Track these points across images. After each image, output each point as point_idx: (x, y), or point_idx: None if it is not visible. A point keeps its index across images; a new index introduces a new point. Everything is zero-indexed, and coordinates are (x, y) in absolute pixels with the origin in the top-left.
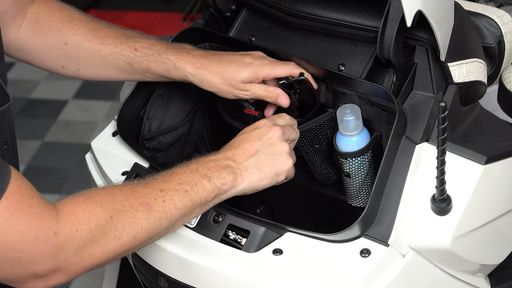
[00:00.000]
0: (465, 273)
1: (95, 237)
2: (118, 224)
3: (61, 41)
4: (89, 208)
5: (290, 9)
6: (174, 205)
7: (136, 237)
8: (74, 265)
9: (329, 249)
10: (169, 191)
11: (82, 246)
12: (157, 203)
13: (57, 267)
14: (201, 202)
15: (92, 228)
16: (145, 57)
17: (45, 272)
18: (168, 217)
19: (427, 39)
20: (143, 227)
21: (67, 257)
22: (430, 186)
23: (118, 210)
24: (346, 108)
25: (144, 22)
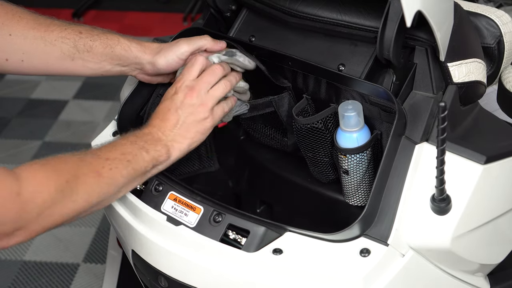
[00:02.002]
0: (464, 272)
1: (54, 199)
2: (73, 187)
3: (5, 33)
4: (47, 173)
5: (290, 9)
6: (120, 173)
7: (89, 200)
8: (35, 224)
9: (329, 248)
10: (114, 160)
11: (43, 207)
12: (105, 171)
13: (20, 226)
14: (141, 171)
15: (51, 191)
16: (89, 37)
17: (9, 231)
18: (115, 184)
19: (427, 39)
20: (94, 191)
21: (30, 217)
22: (429, 185)
23: (72, 175)
24: (348, 104)
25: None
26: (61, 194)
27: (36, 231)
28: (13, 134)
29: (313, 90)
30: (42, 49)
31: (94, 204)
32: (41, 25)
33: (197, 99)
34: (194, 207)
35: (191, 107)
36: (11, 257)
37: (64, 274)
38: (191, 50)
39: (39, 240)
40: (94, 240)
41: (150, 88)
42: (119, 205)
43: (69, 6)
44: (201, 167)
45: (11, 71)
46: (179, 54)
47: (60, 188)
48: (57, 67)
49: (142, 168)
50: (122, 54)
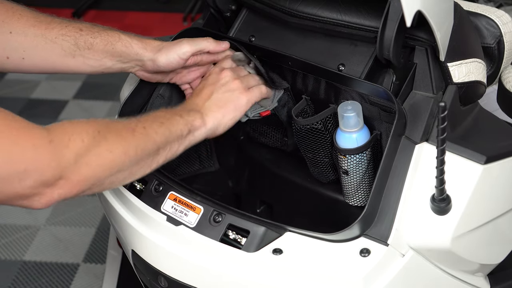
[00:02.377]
0: (464, 272)
1: (89, 146)
2: (107, 137)
3: (6, 31)
4: (76, 124)
5: (290, 9)
6: (154, 131)
7: (126, 153)
8: (75, 173)
9: (329, 248)
10: (147, 121)
11: (78, 153)
12: (138, 128)
13: (60, 173)
14: (177, 134)
15: (83, 137)
16: (90, 34)
17: (50, 179)
18: (152, 140)
19: (427, 39)
20: (131, 144)
21: (67, 163)
22: (429, 185)
23: (104, 127)
24: (348, 105)
25: (144, 22)
26: (94, 141)
27: (78, 181)
28: None
29: (312, 90)
30: (42, 47)
31: (133, 159)
32: (41, 23)
33: (231, 76)
34: (194, 207)
35: (225, 83)
36: (11, 257)
37: (64, 274)
38: (193, 50)
39: (39, 240)
40: (94, 240)
41: (150, 88)
42: (119, 205)
43: (69, 6)
44: (201, 167)
45: (12, 69)
46: (181, 53)
47: (92, 135)
48: (58, 64)
49: (178, 131)
50: (123, 50)
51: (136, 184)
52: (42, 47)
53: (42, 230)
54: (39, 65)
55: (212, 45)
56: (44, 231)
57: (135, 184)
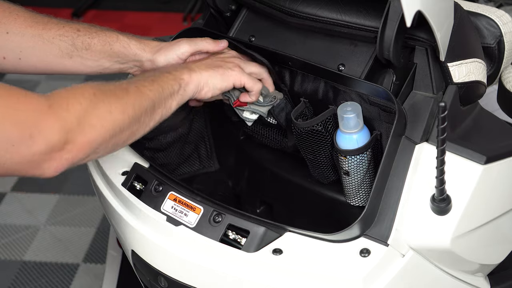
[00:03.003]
0: (464, 272)
1: (87, 109)
2: (104, 99)
3: (3, 32)
4: (71, 90)
5: (290, 9)
6: (147, 88)
7: (125, 112)
8: (80, 135)
9: (329, 249)
10: (138, 81)
11: (79, 116)
12: (131, 87)
13: (65, 137)
14: (169, 90)
15: (81, 101)
16: (88, 35)
17: (57, 143)
18: (146, 97)
19: (427, 39)
20: (127, 103)
21: (70, 126)
22: (429, 186)
23: (98, 89)
24: (347, 106)
25: (144, 22)
26: (92, 103)
27: (84, 144)
28: None
29: (310, 92)
30: (40, 47)
31: (132, 117)
32: (38, 23)
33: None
34: (194, 207)
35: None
36: (11, 257)
37: (64, 274)
38: (192, 50)
39: (39, 240)
40: (94, 240)
41: None
42: (119, 205)
43: (68, 6)
44: (201, 167)
45: (9, 70)
46: (179, 53)
47: (88, 98)
48: (55, 65)
49: (169, 86)
50: (121, 51)
51: (136, 184)
52: (39, 47)
53: (42, 230)
54: (36, 66)
55: (211, 45)
56: (44, 231)
57: (135, 184)
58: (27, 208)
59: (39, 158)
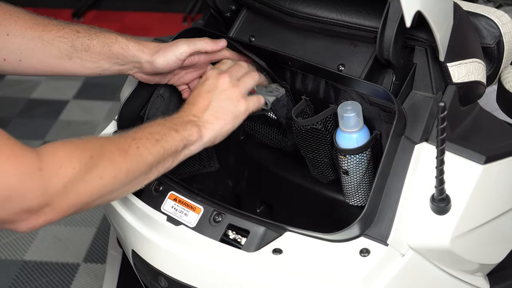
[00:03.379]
0: (464, 272)
1: (79, 174)
2: (98, 163)
3: (3, 33)
4: (69, 149)
5: (289, 9)
6: (148, 151)
7: (116, 177)
8: (62, 200)
9: (329, 248)
10: (141, 139)
11: (67, 182)
12: (131, 149)
13: (46, 201)
14: (171, 150)
15: (75, 165)
16: (87, 36)
17: (36, 207)
18: (144, 161)
19: (427, 39)
20: (122, 168)
21: (54, 192)
22: (429, 185)
23: (97, 152)
24: (347, 105)
25: (143, 22)
26: (85, 169)
27: (63, 208)
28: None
29: (311, 91)
30: (40, 49)
31: (123, 182)
32: (38, 25)
33: (229, 83)
34: (194, 207)
35: (223, 90)
36: (11, 257)
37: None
38: (190, 51)
39: (39, 240)
40: (94, 240)
41: (150, 88)
42: (119, 205)
43: (69, 6)
44: (201, 167)
45: (9, 71)
46: (178, 54)
47: (84, 162)
48: (55, 66)
49: (173, 148)
50: (120, 52)
51: None
52: (39, 49)
53: (42, 230)
54: (36, 67)
55: (210, 45)
56: (44, 231)
57: None
58: None
59: (13, 218)
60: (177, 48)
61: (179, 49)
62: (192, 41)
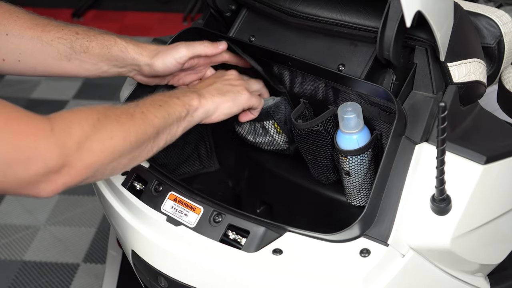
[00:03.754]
0: (464, 273)
1: (89, 134)
2: (106, 124)
3: (2, 33)
4: (75, 113)
5: (290, 9)
6: (153, 114)
7: (127, 138)
8: (78, 160)
9: (329, 249)
10: (144, 105)
11: (80, 141)
12: (137, 113)
13: (63, 161)
14: (175, 116)
15: (84, 126)
16: (86, 38)
17: (55, 167)
18: (151, 124)
19: (427, 39)
20: (130, 130)
21: (69, 152)
22: (429, 186)
23: (103, 114)
24: (348, 106)
25: (143, 22)
26: (94, 129)
27: (82, 168)
28: None
29: (310, 93)
30: (39, 49)
31: (133, 144)
32: (38, 25)
33: (236, 75)
34: (194, 207)
35: (229, 79)
36: (11, 257)
37: (64, 274)
38: (190, 54)
39: (39, 240)
40: (94, 240)
41: (150, 89)
42: (119, 205)
43: (69, 6)
44: (201, 167)
45: (8, 72)
46: (177, 57)
47: (91, 123)
48: (54, 67)
49: (176, 112)
50: (118, 55)
51: (136, 184)
52: (38, 49)
53: (42, 230)
54: (35, 68)
55: (209, 49)
56: (44, 231)
57: (135, 184)
58: (27, 208)
59: (36, 180)
60: (177, 52)
61: (178, 53)
62: (191, 45)
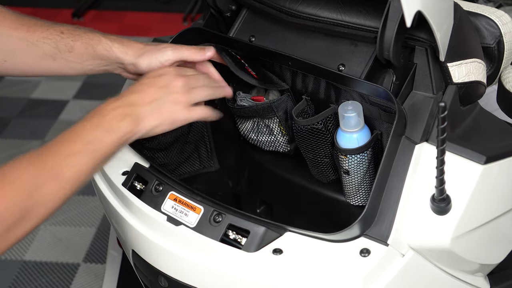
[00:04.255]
0: (464, 272)
1: (18, 219)
2: (36, 202)
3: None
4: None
5: (290, 9)
6: (86, 166)
7: (52, 208)
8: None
9: (329, 248)
10: (77, 154)
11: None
12: (68, 170)
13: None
14: (107, 154)
15: (14, 212)
16: (71, 38)
17: None
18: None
19: (427, 39)
20: (59, 198)
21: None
22: (429, 186)
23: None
24: (348, 105)
25: (144, 22)
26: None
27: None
28: (13, 134)
29: (312, 91)
30: (24, 50)
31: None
32: (23, 25)
33: (182, 87)
34: (194, 207)
35: (174, 93)
36: (11, 257)
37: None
38: (175, 59)
39: (39, 240)
40: (94, 240)
41: None
42: (119, 205)
43: (69, 6)
44: (201, 167)
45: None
46: (163, 60)
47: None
48: (40, 67)
49: (109, 152)
50: (103, 54)
51: (136, 184)
52: (23, 49)
53: (42, 230)
54: (21, 68)
55: (196, 55)
56: (44, 231)
57: (135, 184)
58: None
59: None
60: (163, 54)
61: (164, 55)
62: (178, 49)
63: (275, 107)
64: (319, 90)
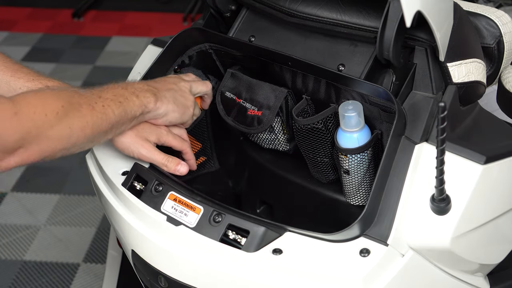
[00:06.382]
0: (464, 272)
1: (51, 121)
2: (69, 113)
3: None
4: (41, 98)
5: (289, 9)
6: (112, 111)
7: (83, 130)
8: (35, 145)
9: (329, 248)
10: (107, 99)
11: (41, 126)
12: (98, 106)
13: (21, 144)
14: (131, 115)
15: (47, 113)
16: None
17: (11, 148)
18: (107, 120)
19: (427, 39)
20: (88, 122)
21: (29, 136)
22: (429, 186)
23: (67, 102)
24: (349, 105)
25: (144, 22)
26: (57, 117)
27: (34, 152)
28: None
29: (312, 90)
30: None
31: (89, 136)
32: (8, 69)
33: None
34: (194, 207)
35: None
36: (11, 257)
37: (64, 274)
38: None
39: (39, 240)
40: (94, 240)
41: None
42: (119, 205)
43: (69, 6)
44: (201, 167)
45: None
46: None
47: (55, 111)
48: None
49: (132, 112)
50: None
51: (136, 184)
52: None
53: (42, 230)
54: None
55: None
56: (44, 231)
57: (135, 184)
58: (27, 208)
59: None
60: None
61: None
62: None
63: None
64: (319, 89)
